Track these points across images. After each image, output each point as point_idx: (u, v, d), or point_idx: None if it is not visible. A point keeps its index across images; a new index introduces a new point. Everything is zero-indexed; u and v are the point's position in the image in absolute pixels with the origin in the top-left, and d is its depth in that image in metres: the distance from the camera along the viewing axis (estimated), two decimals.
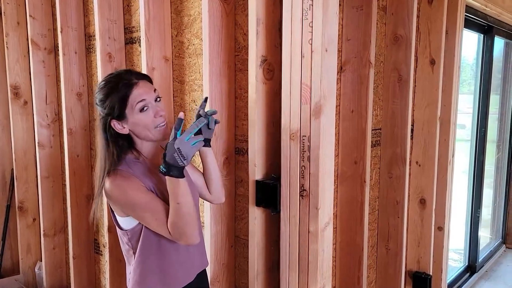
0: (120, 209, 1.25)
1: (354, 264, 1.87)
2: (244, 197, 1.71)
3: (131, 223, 1.27)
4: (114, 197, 1.21)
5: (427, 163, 2.27)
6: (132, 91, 1.20)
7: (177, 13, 1.84)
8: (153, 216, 1.20)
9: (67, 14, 2.29)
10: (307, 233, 1.33)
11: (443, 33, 2.18)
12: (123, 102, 1.20)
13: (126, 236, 1.29)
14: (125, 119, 1.22)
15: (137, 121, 1.22)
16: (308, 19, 1.24)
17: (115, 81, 1.22)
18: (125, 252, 1.34)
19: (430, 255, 2.32)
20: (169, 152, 1.12)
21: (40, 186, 2.63)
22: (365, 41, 1.71)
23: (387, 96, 2.01)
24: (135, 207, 1.20)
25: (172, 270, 1.29)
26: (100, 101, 1.24)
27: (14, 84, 2.78)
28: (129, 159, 1.28)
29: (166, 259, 1.28)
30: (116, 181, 1.20)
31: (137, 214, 1.22)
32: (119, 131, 1.24)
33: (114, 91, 1.20)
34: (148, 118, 1.22)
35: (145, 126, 1.23)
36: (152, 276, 1.28)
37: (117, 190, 1.20)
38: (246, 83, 1.63)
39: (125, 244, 1.32)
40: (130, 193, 1.19)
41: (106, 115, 1.23)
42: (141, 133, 1.25)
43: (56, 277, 2.74)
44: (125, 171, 1.23)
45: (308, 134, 1.30)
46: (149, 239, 1.27)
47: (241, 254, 1.76)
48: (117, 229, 1.32)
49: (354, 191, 1.82)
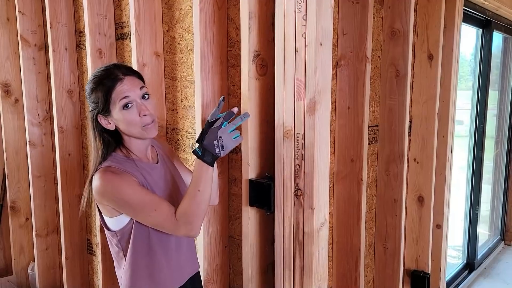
0: (110, 207, 1.20)
1: (351, 264, 1.83)
2: (238, 196, 1.66)
3: (120, 224, 1.22)
4: (105, 194, 1.17)
5: (425, 160, 2.23)
6: (115, 86, 1.17)
7: (168, 7, 1.79)
8: (151, 208, 1.16)
9: (57, 9, 2.23)
10: (302, 234, 1.29)
11: (441, 27, 2.14)
12: (106, 98, 1.17)
13: (115, 237, 1.25)
14: (110, 114, 1.19)
15: (120, 118, 1.18)
16: (301, 11, 1.19)
17: (102, 75, 1.19)
18: (115, 255, 1.30)
19: (429, 253, 2.28)
20: (210, 138, 1.14)
21: (32, 185, 2.58)
22: (362, 36, 1.66)
23: (384, 92, 1.97)
24: (130, 201, 1.16)
25: (162, 275, 1.26)
26: (87, 94, 1.23)
27: (5, 82, 2.73)
28: (118, 157, 1.24)
29: (155, 263, 1.25)
30: (106, 178, 1.16)
31: (132, 209, 1.17)
32: (105, 127, 1.22)
33: (100, 85, 1.18)
34: (131, 115, 1.18)
35: (129, 124, 1.19)
36: (141, 280, 1.25)
37: (108, 186, 1.15)
38: (239, 80, 1.59)
39: (114, 246, 1.28)
40: (124, 187, 1.15)
41: (93, 109, 1.21)
42: (126, 130, 1.22)
43: (49, 278, 2.70)
44: (115, 167, 1.19)
45: (303, 132, 1.25)
46: (139, 242, 1.23)
47: (235, 255, 1.72)
48: (105, 231, 1.28)
49: (350, 189, 1.78)
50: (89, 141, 2.37)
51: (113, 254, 1.30)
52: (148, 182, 1.24)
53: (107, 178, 1.16)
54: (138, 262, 1.24)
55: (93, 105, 1.20)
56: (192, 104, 1.75)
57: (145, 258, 1.24)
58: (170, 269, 1.28)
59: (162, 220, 1.17)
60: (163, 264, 1.26)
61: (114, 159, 1.22)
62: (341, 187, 1.80)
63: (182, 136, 1.82)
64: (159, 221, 1.17)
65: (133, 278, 1.24)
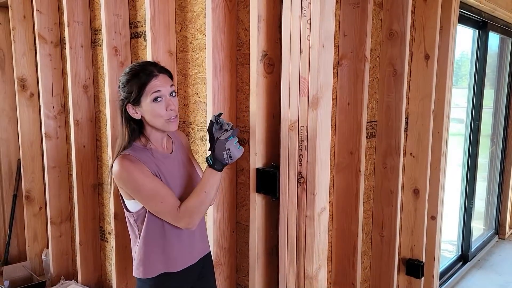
0: (126, 192, 1.34)
1: (349, 250, 1.96)
2: (245, 185, 1.80)
3: (136, 206, 1.36)
4: (121, 179, 1.30)
5: (421, 154, 2.35)
6: (150, 81, 1.30)
7: (181, 9, 1.91)
8: (158, 199, 1.30)
9: (74, 8, 2.36)
10: (304, 217, 1.42)
11: (438, 28, 2.26)
12: (140, 89, 1.30)
13: (132, 217, 1.39)
14: (139, 105, 1.32)
15: (149, 109, 1.31)
16: (306, 16, 1.32)
17: (138, 69, 1.32)
18: (131, 233, 1.44)
19: (423, 243, 2.41)
20: (219, 149, 1.31)
21: (47, 176, 2.72)
22: (361, 37, 1.79)
23: (382, 90, 2.09)
24: (140, 189, 1.29)
25: (174, 253, 1.40)
26: (122, 84, 1.35)
27: (21, 77, 2.86)
28: (136, 146, 1.37)
29: (168, 243, 1.39)
30: (123, 164, 1.29)
31: (141, 196, 1.31)
32: (132, 116, 1.35)
33: (135, 78, 1.31)
34: (159, 108, 1.32)
35: (155, 115, 1.32)
36: (155, 256, 1.38)
37: (124, 172, 1.29)
38: (247, 77, 1.72)
39: (131, 225, 1.41)
40: (136, 176, 1.29)
41: (124, 98, 1.34)
42: (151, 121, 1.34)
43: (63, 264, 2.84)
44: (132, 155, 1.32)
45: (306, 125, 1.38)
46: (153, 223, 1.37)
47: (241, 239, 1.85)
48: (124, 211, 1.42)
49: (349, 180, 1.91)
50: (102, 134, 2.51)
51: (130, 232, 1.44)
52: (162, 171, 1.37)
53: (124, 164, 1.29)
54: (151, 240, 1.37)
55: (126, 95, 1.33)
56: (203, 99, 1.88)
57: (158, 237, 1.37)
58: (181, 248, 1.41)
59: (166, 212, 1.32)
60: (175, 243, 1.39)
61: (133, 148, 1.36)
62: (340, 178, 1.93)
63: (193, 129, 1.95)
64: (164, 212, 1.33)
65: (147, 253, 1.38)
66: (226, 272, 1.83)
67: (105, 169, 2.54)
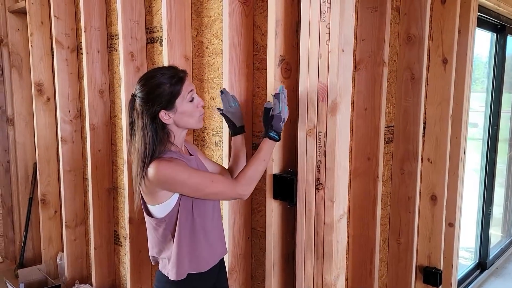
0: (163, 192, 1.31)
1: (366, 257, 1.93)
2: (261, 190, 1.78)
3: (167, 209, 1.34)
4: (163, 180, 1.28)
5: (439, 160, 2.31)
6: (184, 82, 1.32)
7: (197, 14, 1.91)
8: (208, 180, 1.33)
9: (91, 14, 2.39)
10: (322, 224, 1.40)
11: (456, 32, 2.22)
12: (176, 93, 1.30)
13: (163, 223, 1.36)
14: (174, 109, 1.31)
15: (186, 109, 1.33)
16: (325, 21, 1.30)
17: (169, 73, 1.32)
18: (161, 240, 1.39)
19: (441, 250, 2.36)
20: (278, 122, 1.39)
21: (63, 179, 2.74)
22: (379, 41, 1.76)
23: (400, 94, 2.07)
24: (189, 180, 1.29)
25: (203, 253, 1.39)
26: (150, 90, 1.30)
27: (38, 82, 2.90)
28: (167, 150, 1.36)
29: (198, 243, 1.38)
30: (163, 165, 1.28)
31: (191, 186, 1.30)
32: (166, 121, 1.33)
33: (168, 82, 1.30)
34: (194, 107, 1.35)
35: (191, 114, 1.35)
36: (186, 257, 1.37)
37: (167, 171, 1.28)
38: (263, 82, 1.70)
39: (161, 232, 1.38)
40: (181, 170, 1.29)
41: (157, 105, 1.29)
42: (185, 121, 1.35)
43: (77, 267, 2.86)
44: (166, 157, 1.32)
45: (325, 130, 1.37)
46: (184, 224, 1.35)
47: (257, 245, 1.84)
48: (150, 220, 1.39)
49: (367, 186, 1.88)
50: (118, 138, 2.52)
51: (158, 239, 1.40)
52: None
53: (164, 165, 1.28)
54: (183, 243, 1.36)
55: (158, 100, 1.29)
56: (219, 105, 1.87)
57: (189, 238, 1.36)
58: (208, 248, 1.41)
59: (221, 186, 1.34)
60: (203, 243, 1.39)
61: (164, 152, 1.34)
62: (357, 184, 1.91)
63: (208, 134, 1.95)
64: (219, 188, 1.34)
65: (179, 255, 1.36)
66: (241, 279, 1.81)
67: (120, 173, 2.55)
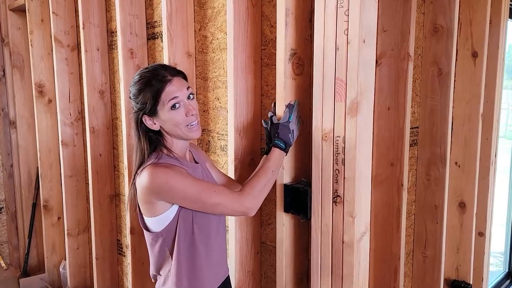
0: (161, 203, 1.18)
1: (390, 273, 1.73)
2: (271, 201, 1.60)
3: (164, 222, 1.20)
4: (158, 189, 1.15)
5: (468, 163, 2.10)
6: (165, 87, 1.16)
7: (200, 6, 1.74)
8: (210, 190, 1.18)
9: (89, 10, 2.24)
10: (341, 243, 1.22)
11: (487, 23, 2.01)
12: (155, 99, 1.16)
13: (160, 237, 1.22)
14: (157, 115, 1.19)
15: (168, 118, 1.18)
16: (343, 6, 1.11)
17: (149, 76, 1.18)
18: (158, 256, 1.27)
19: (470, 262, 2.15)
20: (284, 132, 1.29)
21: (64, 185, 2.61)
22: (404, 32, 1.56)
23: (425, 92, 1.86)
24: (189, 189, 1.15)
25: (203, 273, 1.26)
26: (133, 95, 1.22)
27: (39, 82, 2.78)
28: (161, 155, 1.23)
29: (198, 262, 1.24)
30: (159, 172, 1.14)
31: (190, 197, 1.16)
32: (150, 127, 1.21)
33: (147, 87, 1.17)
34: (179, 116, 1.18)
35: (176, 124, 1.19)
36: (186, 277, 1.24)
37: (163, 179, 1.14)
38: (273, 79, 1.53)
39: (158, 248, 1.25)
40: (179, 178, 1.15)
41: (139, 110, 1.21)
42: (171, 131, 1.21)
43: (80, 277, 2.72)
44: (164, 163, 1.19)
45: (343, 135, 1.18)
46: (183, 238, 1.21)
47: (267, 261, 1.66)
48: (147, 235, 1.26)
49: (389, 195, 1.68)
50: (119, 142, 2.37)
51: (155, 255, 1.27)
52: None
53: (160, 172, 1.14)
54: (182, 260, 1.22)
55: (140, 106, 1.20)
56: (224, 105, 1.70)
57: (189, 257, 1.23)
58: (209, 269, 1.27)
59: (224, 197, 1.18)
60: (204, 263, 1.25)
61: (158, 157, 1.21)
62: (379, 193, 1.71)
63: (213, 138, 1.78)
64: (222, 199, 1.18)
65: (179, 274, 1.23)
66: None
67: (122, 179, 2.40)
